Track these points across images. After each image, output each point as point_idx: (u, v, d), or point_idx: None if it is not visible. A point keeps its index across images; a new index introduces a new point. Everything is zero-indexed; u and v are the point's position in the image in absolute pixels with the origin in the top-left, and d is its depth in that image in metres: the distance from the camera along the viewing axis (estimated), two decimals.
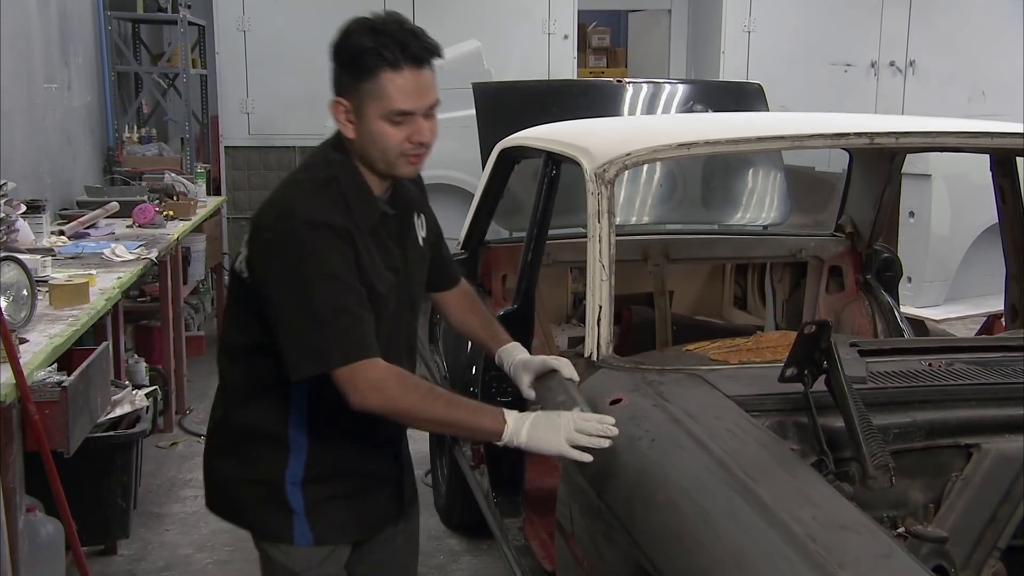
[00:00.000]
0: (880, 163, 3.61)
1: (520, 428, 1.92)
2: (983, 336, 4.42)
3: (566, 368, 2.18)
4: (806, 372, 2.03)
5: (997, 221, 3.27)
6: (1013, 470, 1.99)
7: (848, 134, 2.68)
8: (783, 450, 1.93)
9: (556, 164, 3.25)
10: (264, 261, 1.94)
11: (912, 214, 5.10)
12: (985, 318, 4.94)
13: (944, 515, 1.98)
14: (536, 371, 2.19)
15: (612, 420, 1.94)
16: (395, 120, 1.93)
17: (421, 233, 2.21)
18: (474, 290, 2.47)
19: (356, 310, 1.91)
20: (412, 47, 1.92)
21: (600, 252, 2.58)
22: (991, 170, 3.11)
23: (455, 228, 3.89)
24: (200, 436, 5.09)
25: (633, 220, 4.54)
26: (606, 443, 1.91)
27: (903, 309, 3.89)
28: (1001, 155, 3.05)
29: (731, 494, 1.75)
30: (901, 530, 1.88)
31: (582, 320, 2.57)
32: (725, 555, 1.63)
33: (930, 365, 2.30)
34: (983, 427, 2.10)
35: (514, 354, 2.28)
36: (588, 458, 1.91)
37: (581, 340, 2.60)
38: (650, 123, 3.84)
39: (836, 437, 2.02)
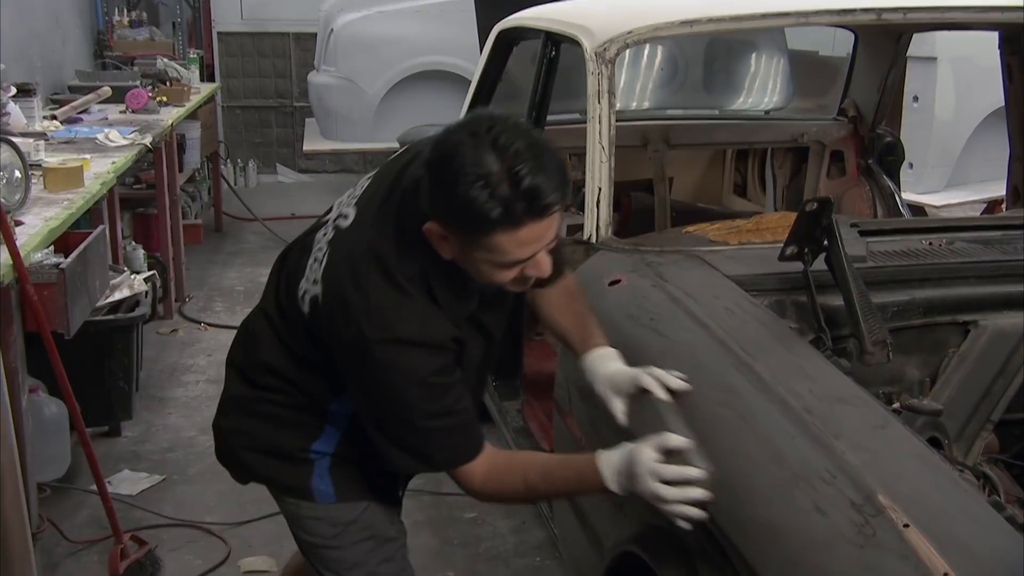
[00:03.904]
0: (886, 44, 3.53)
1: (617, 479, 1.58)
2: (984, 215, 4.41)
3: (657, 387, 1.70)
4: (806, 250, 2.02)
5: (1001, 105, 3.23)
6: (1009, 345, 2.01)
7: (855, 9, 2.62)
8: (781, 328, 1.94)
9: (556, 44, 3.19)
10: (351, 358, 1.66)
11: (916, 98, 5.02)
12: (985, 204, 4.92)
13: (939, 390, 2.00)
14: (627, 392, 1.75)
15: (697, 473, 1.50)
16: (508, 266, 1.59)
17: None
18: (578, 285, 2.02)
19: (454, 406, 1.67)
20: (541, 200, 1.49)
21: (600, 133, 2.55)
22: (999, 48, 3.05)
23: (452, 116, 3.83)
24: (200, 323, 5.13)
25: (633, 105, 4.47)
26: (697, 493, 1.49)
27: (904, 195, 3.87)
28: (1010, 32, 2.98)
29: (729, 369, 1.76)
30: (896, 406, 1.90)
31: (581, 208, 2.54)
32: (722, 427, 1.65)
33: (930, 244, 2.29)
34: (981, 304, 2.11)
35: (599, 366, 1.81)
36: (690, 515, 1.50)
37: (580, 227, 2.59)
38: (652, 0, 3.75)
39: (834, 315, 2.03)
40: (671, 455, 1.52)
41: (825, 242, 1.99)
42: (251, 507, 3.24)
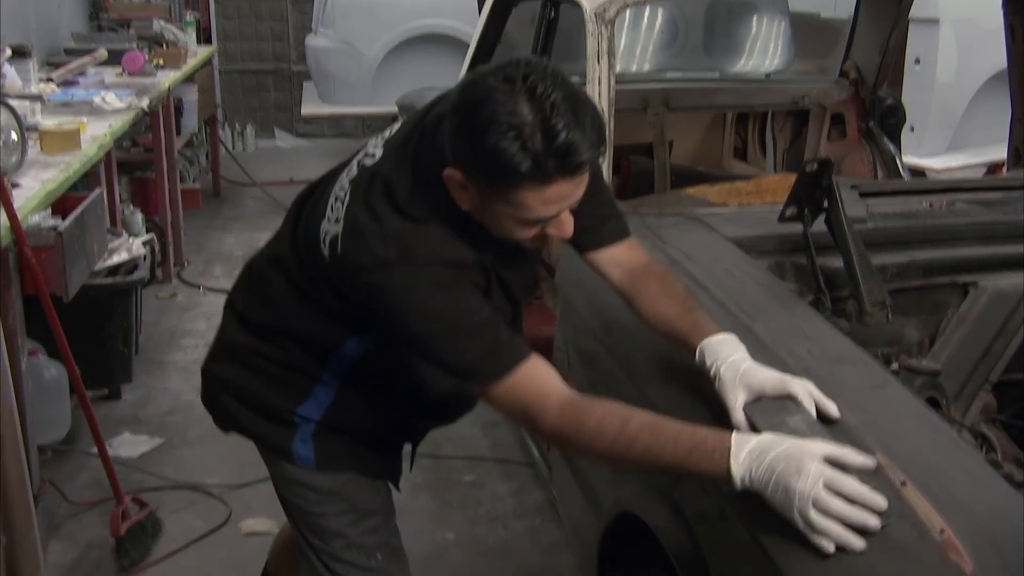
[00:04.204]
0: (888, 5, 3.50)
1: (751, 465, 1.33)
2: (985, 177, 4.39)
3: (807, 398, 1.48)
4: (806, 211, 2.02)
5: (1003, 67, 3.20)
6: (1009, 306, 2.01)
7: None
8: (781, 289, 1.94)
9: (555, 5, 3.17)
10: (367, 286, 1.54)
11: (918, 61, 4.98)
12: (987, 168, 4.90)
13: (938, 350, 2.00)
14: (764, 392, 1.51)
15: (882, 502, 1.28)
16: (531, 224, 1.50)
17: None
18: (665, 268, 1.83)
19: (491, 317, 1.54)
20: (574, 158, 1.39)
21: (599, 95, 2.53)
22: (1002, 8, 3.01)
23: (451, 79, 3.80)
24: (199, 287, 5.13)
25: (633, 68, 4.45)
26: (873, 521, 1.26)
27: (905, 158, 3.85)
28: None
29: (728, 331, 1.76)
30: (895, 366, 1.91)
31: None
32: None
33: (931, 205, 2.29)
34: (981, 264, 2.11)
35: (727, 353, 1.57)
36: (854, 543, 1.25)
37: None
38: None
39: (834, 277, 2.03)
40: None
41: (825, 203, 1.99)
42: (251, 470, 3.25)
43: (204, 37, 7.71)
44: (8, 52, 3.95)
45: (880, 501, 1.27)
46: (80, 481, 3.31)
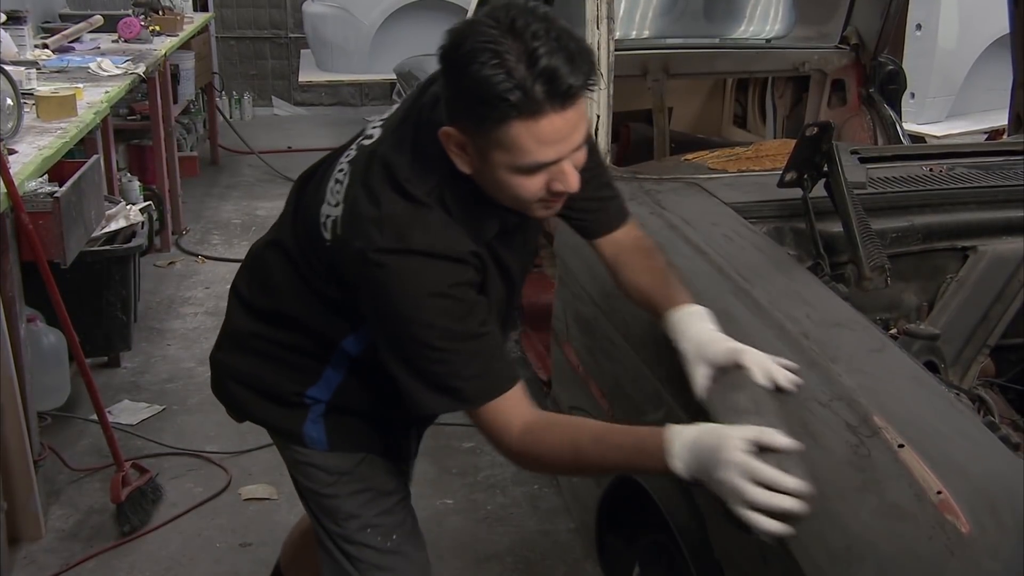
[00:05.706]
0: None
1: (686, 458, 1.33)
2: (985, 142, 4.38)
3: (757, 369, 1.48)
4: (806, 176, 2.01)
5: (1005, 33, 3.18)
6: (1007, 270, 2.01)
7: None
8: (779, 254, 1.93)
9: None
10: (363, 274, 1.51)
11: (919, 27, 4.95)
12: (987, 135, 4.88)
13: (937, 315, 2.00)
14: (717, 364, 1.53)
15: (800, 486, 1.25)
16: (530, 171, 1.43)
17: None
18: (652, 241, 1.83)
19: (479, 329, 1.50)
20: (561, 82, 1.34)
21: (598, 60, 2.51)
22: None
23: None
24: (197, 256, 5.12)
25: (633, 34, 4.41)
26: (790, 503, 1.24)
27: (905, 125, 3.83)
28: None
29: (726, 295, 1.76)
30: (893, 331, 1.91)
31: None
32: None
33: (931, 170, 2.28)
34: (981, 229, 2.10)
35: (688, 326, 1.61)
36: (774, 529, 1.24)
37: None
38: None
39: (833, 242, 2.02)
40: (765, 454, 1.27)
41: (825, 168, 1.98)
42: (251, 437, 3.26)
43: (200, 3, 7.65)
44: (3, 17, 3.92)
45: (797, 484, 1.24)
46: (80, 447, 3.32)
